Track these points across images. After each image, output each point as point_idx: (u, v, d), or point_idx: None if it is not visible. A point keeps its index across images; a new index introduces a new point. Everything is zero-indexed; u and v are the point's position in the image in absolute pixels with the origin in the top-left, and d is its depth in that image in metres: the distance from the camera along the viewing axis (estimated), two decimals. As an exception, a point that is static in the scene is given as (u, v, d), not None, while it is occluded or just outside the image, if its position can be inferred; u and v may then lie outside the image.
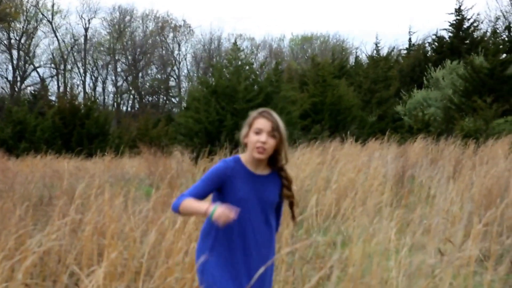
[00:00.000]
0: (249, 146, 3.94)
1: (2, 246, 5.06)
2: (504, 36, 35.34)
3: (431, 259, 3.52)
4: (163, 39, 79.40)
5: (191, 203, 3.76)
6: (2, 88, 74.59)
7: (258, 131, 3.88)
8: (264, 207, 3.96)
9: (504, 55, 28.51)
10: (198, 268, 3.94)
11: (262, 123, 3.91)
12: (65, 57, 75.40)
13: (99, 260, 6.22)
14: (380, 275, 3.03)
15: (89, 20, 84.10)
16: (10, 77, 73.91)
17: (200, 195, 3.88)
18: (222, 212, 3.60)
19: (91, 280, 4.82)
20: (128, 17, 78.64)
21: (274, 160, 4.05)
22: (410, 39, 52.10)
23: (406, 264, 5.41)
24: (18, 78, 73.82)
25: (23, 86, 73.54)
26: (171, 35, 79.88)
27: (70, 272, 6.03)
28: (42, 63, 76.27)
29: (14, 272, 4.18)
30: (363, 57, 54.89)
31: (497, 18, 46.78)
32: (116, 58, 77.76)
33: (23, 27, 73.95)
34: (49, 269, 6.17)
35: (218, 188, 3.93)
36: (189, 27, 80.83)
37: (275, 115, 4.01)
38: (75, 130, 32.01)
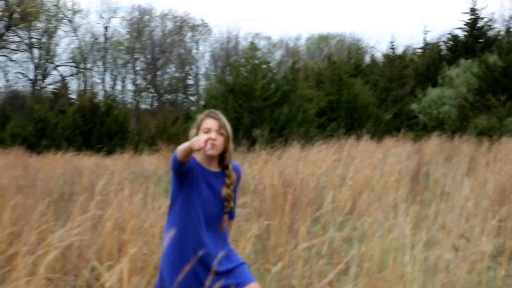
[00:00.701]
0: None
1: (25, 241, 5.10)
2: (519, 34, 35.17)
3: (447, 254, 3.52)
4: (182, 38, 79.41)
5: (182, 145, 3.98)
6: (24, 86, 74.99)
7: (207, 130, 4.11)
8: (216, 200, 4.16)
9: (518, 53, 28.35)
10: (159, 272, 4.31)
11: (210, 123, 4.13)
12: (85, 56, 75.59)
13: (119, 255, 6.25)
14: (396, 270, 3.03)
15: (108, 20, 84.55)
16: (31, 76, 74.24)
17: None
18: (197, 140, 3.84)
19: (111, 275, 4.85)
20: (147, 17, 78.75)
21: (222, 159, 4.21)
22: (425, 38, 51.76)
23: (421, 259, 5.41)
24: (39, 77, 74.16)
25: (44, 84, 73.85)
26: (189, 34, 79.90)
27: (90, 267, 6.08)
28: (62, 61, 76.48)
29: (36, 266, 4.20)
30: (379, 56, 54.61)
31: (511, 17, 46.50)
32: (135, 57, 77.89)
33: (44, 26, 74.22)
34: (70, 263, 6.21)
35: (180, 177, 4.14)
36: (207, 26, 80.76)
37: (221, 115, 4.20)
38: (95, 127, 32.13)
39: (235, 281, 4.12)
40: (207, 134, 4.07)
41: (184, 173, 4.10)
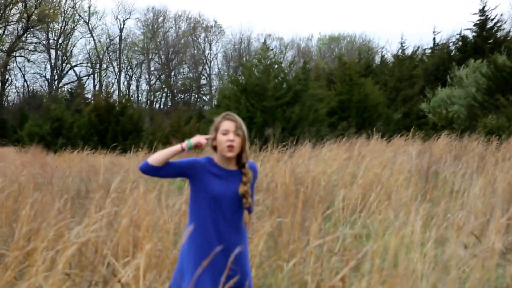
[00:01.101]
0: (219, 147, 4.23)
1: (43, 237, 5.12)
2: (528, 35, 35.05)
3: (459, 251, 3.52)
4: (195, 39, 79.60)
5: (162, 151, 4.20)
6: (41, 86, 75.44)
7: (225, 132, 4.19)
8: (234, 198, 4.24)
9: (528, 54, 28.29)
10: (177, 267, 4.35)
11: (227, 125, 4.21)
12: (101, 56, 75.90)
13: (135, 251, 6.27)
14: (407, 267, 3.04)
15: (124, 21, 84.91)
16: (48, 76, 74.74)
17: (175, 164, 4.25)
18: (197, 138, 4.22)
19: (127, 270, 4.87)
20: (161, 18, 79.01)
21: (239, 158, 4.29)
22: (434, 38, 51.50)
23: (431, 256, 5.41)
24: (56, 77, 74.56)
25: (60, 84, 74.29)
26: (202, 35, 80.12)
27: (107, 262, 6.10)
28: (78, 62, 76.91)
29: (54, 262, 4.23)
30: (389, 57, 54.56)
31: (520, 18, 46.30)
32: (150, 57, 78.11)
33: (61, 27, 74.61)
34: (87, 259, 6.23)
35: (189, 176, 4.29)
36: (220, 27, 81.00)
37: (237, 117, 4.29)
38: (110, 126, 32.21)
39: None
40: (225, 136, 4.16)
41: (182, 171, 4.26)
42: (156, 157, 4.14)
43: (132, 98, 64.17)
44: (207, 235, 4.22)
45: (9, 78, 73.57)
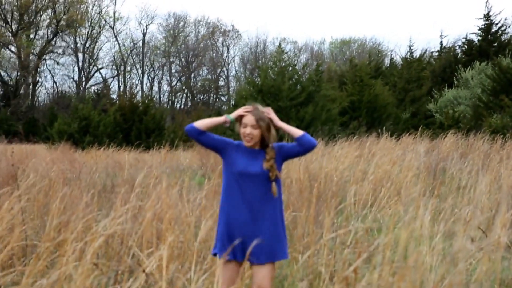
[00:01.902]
0: (241, 136, 4.56)
1: (72, 229, 5.15)
2: (531, 39, 34.86)
3: (468, 245, 3.50)
4: (214, 42, 79.62)
5: (207, 119, 4.62)
6: (69, 87, 75.79)
7: (244, 125, 4.50)
8: (258, 173, 4.47)
9: (530, 56, 28.13)
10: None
11: (247, 119, 4.49)
12: (125, 59, 76.10)
13: (158, 243, 6.29)
14: (416, 259, 3.02)
15: (146, 26, 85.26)
16: (76, 78, 75.07)
17: (214, 136, 4.63)
18: (237, 111, 4.58)
19: (151, 261, 4.88)
20: (182, 23, 79.08)
21: (262, 142, 4.56)
22: (441, 42, 51.28)
23: (439, 249, 5.38)
24: (83, 79, 74.82)
25: (87, 85, 74.53)
26: (220, 39, 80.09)
27: (132, 253, 6.12)
28: (104, 65, 77.14)
29: (83, 253, 4.24)
30: (398, 59, 54.26)
31: (524, 22, 46.02)
32: (171, 60, 78.23)
33: (87, 32, 74.90)
34: (113, 250, 6.25)
35: (221, 152, 4.63)
36: (237, 31, 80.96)
37: (258, 110, 4.57)
38: (134, 125, 32.31)
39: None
40: (244, 129, 4.48)
41: (217, 146, 4.63)
42: (201, 122, 4.52)
43: (154, 98, 64.16)
44: (235, 206, 4.45)
45: (40, 79, 74.00)
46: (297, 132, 4.53)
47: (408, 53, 46.10)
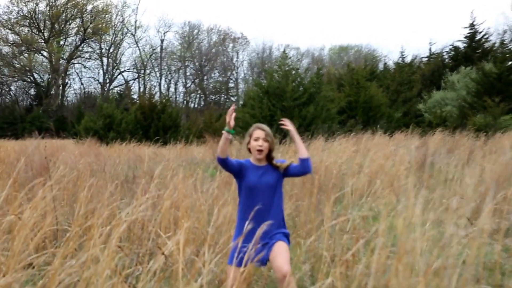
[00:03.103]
0: (252, 150, 4.74)
1: (98, 216, 5.15)
2: (511, 46, 34.70)
3: (457, 232, 3.50)
4: (224, 48, 79.63)
5: (219, 144, 4.63)
6: (95, 88, 76.03)
7: (256, 139, 4.70)
8: (271, 185, 4.69)
9: (510, 62, 27.98)
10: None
11: (258, 133, 4.71)
12: (145, 63, 76.22)
13: (175, 228, 6.29)
14: (408, 245, 3.02)
15: (164, 33, 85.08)
16: (101, 80, 75.29)
17: (233, 161, 4.72)
18: (227, 119, 4.68)
19: (169, 244, 4.88)
20: (196, 31, 79.11)
21: (268, 157, 4.75)
22: (430, 48, 51.15)
23: (429, 236, 5.36)
24: (107, 80, 75.07)
25: (111, 87, 74.70)
26: (231, 45, 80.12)
27: (152, 237, 6.13)
28: (126, 68, 77.29)
29: (108, 237, 4.24)
30: (391, 64, 54.02)
31: (505, 32, 45.89)
32: (186, 64, 78.30)
33: (111, 39, 75.12)
34: (135, 235, 6.27)
35: (237, 175, 4.74)
36: (246, 38, 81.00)
37: (266, 127, 4.78)
38: (153, 122, 32.32)
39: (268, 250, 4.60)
40: (256, 142, 4.67)
41: (236, 171, 4.71)
42: (219, 149, 4.58)
43: (171, 98, 64.19)
44: (245, 214, 4.56)
45: (69, 81, 74.48)
46: (304, 153, 4.72)
47: (400, 59, 46.04)
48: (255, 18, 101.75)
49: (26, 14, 70.50)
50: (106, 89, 73.38)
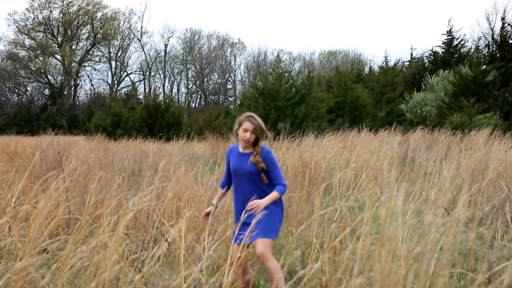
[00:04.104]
0: (239, 138, 4.64)
1: (107, 205, 5.15)
2: (485, 52, 34.75)
3: (435, 220, 3.51)
4: (223, 52, 79.48)
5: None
6: (104, 89, 75.85)
7: (245, 130, 4.56)
8: (250, 173, 4.57)
9: (484, 66, 28.01)
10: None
11: (247, 125, 4.56)
12: (150, 66, 76.05)
13: (177, 217, 6.29)
14: (391, 233, 3.03)
15: (168, 39, 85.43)
16: (109, 81, 75.10)
17: (226, 172, 4.87)
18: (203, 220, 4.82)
19: (171, 232, 4.88)
20: (197, 36, 78.93)
21: (255, 144, 4.64)
22: (411, 53, 51.28)
23: (410, 224, 5.38)
24: (115, 82, 74.89)
25: (119, 88, 74.54)
26: (229, 50, 79.92)
27: (156, 225, 6.12)
28: (133, 70, 77.12)
29: (116, 225, 4.24)
30: (375, 67, 54.04)
31: (479, 38, 45.91)
32: (188, 67, 78.17)
33: (119, 44, 74.93)
34: (141, 223, 6.26)
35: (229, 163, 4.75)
36: (243, 44, 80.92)
37: (257, 119, 4.61)
38: (157, 121, 32.29)
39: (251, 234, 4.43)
40: (244, 133, 4.54)
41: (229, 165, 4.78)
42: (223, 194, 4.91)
43: (173, 99, 64.16)
44: (237, 197, 4.64)
45: (80, 82, 74.25)
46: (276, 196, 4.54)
47: (384, 62, 46.09)
48: (251, 25, 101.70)
49: (41, 21, 70.77)
50: (114, 90, 73.22)
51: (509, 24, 30.25)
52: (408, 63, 45.58)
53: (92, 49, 74.05)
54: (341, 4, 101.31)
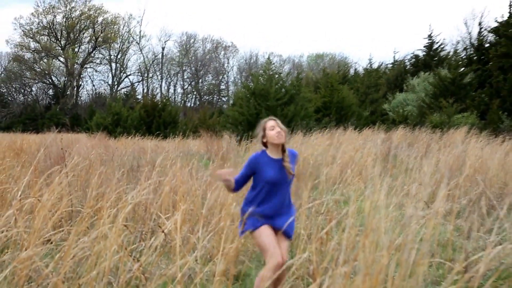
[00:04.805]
0: (270, 140, 4.25)
1: (107, 199, 5.13)
2: (463, 55, 34.91)
3: (416, 213, 3.52)
4: (217, 55, 79.36)
5: (227, 190, 4.40)
6: (104, 89, 75.62)
7: (272, 128, 4.25)
8: (283, 179, 4.22)
9: (462, 68, 28.12)
10: (245, 221, 4.25)
11: (272, 123, 4.29)
12: (148, 68, 75.86)
13: (173, 210, 6.29)
14: (374, 225, 3.05)
15: (165, 42, 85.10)
16: (110, 82, 74.89)
17: (242, 177, 4.31)
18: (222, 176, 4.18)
19: (168, 224, 4.88)
20: (192, 40, 78.77)
21: (283, 147, 4.31)
22: (394, 56, 51.43)
23: (392, 217, 5.40)
24: (115, 83, 74.72)
25: (118, 88, 74.36)
26: (222, 52, 79.82)
27: (153, 218, 6.11)
28: (131, 72, 76.96)
29: (116, 217, 4.23)
30: (360, 69, 54.16)
31: (458, 42, 46.03)
32: (183, 69, 78.03)
33: (119, 47, 74.74)
34: (139, 215, 6.26)
35: (253, 175, 4.29)
36: (235, 47, 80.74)
37: (275, 118, 4.41)
38: (155, 119, 32.19)
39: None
40: (273, 131, 4.23)
41: (249, 177, 4.32)
42: (230, 192, 4.39)
43: (170, 98, 63.97)
44: (271, 204, 4.22)
45: (82, 83, 74.01)
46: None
47: (368, 65, 46.24)
48: (243, 29, 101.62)
49: (46, 25, 70.82)
50: (114, 90, 73.04)
51: (486, 29, 30.36)
52: (391, 65, 45.71)
53: (94, 52, 73.88)
54: (329, 10, 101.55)
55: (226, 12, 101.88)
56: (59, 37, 71.46)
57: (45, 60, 70.32)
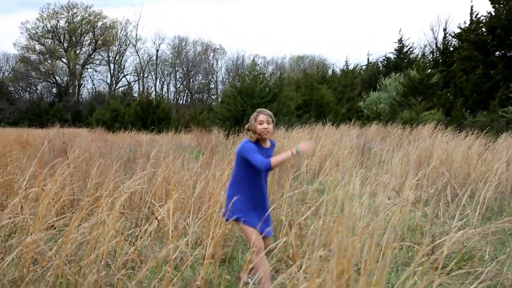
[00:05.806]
0: (257, 131, 4.13)
1: (105, 188, 5.10)
2: (429, 57, 35.12)
3: (386, 201, 3.55)
4: (206, 57, 79.11)
5: (277, 158, 3.94)
6: (104, 88, 75.21)
7: (261, 122, 4.13)
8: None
9: (429, 70, 28.29)
10: (231, 208, 4.10)
11: (262, 117, 4.15)
12: (143, 68, 75.49)
13: (166, 199, 6.26)
14: (350, 212, 3.06)
15: (159, 45, 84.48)
16: (108, 81, 74.48)
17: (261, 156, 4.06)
18: (305, 145, 3.97)
19: (161, 211, 4.86)
20: (184, 43, 78.38)
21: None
22: (368, 58, 51.46)
23: (366, 204, 5.43)
24: (114, 82, 74.35)
25: (116, 87, 73.99)
26: (211, 54, 79.54)
27: (148, 205, 6.09)
28: (128, 72, 76.61)
29: (113, 205, 4.21)
30: (337, 70, 54.21)
31: (425, 46, 46.39)
32: (176, 69, 77.73)
33: (117, 49, 74.39)
34: (135, 203, 6.22)
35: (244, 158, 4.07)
36: (224, 49, 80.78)
37: (268, 111, 4.24)
38: (150, 115, 32.03)
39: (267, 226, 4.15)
40: (261, 125, 4.11)
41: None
42: (276, 164, 3.92)
43: (164, 96, 63.67)
44: (253, 192, 4.12)
45: (83, 82, 73.66)
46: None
47: (345, 66, 46.39)
48: (231, 32, 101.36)
49: (50, 29, 70.86)
50: (112, 89, 72.72)
51: (450, 35, 30.56)
52: (365, 66, 45.84)
53: (94, 54, 73.52)
54: (309, 15, 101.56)
55: (215, 17, 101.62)
56: (62, 40, 71.30)
57: (49, 61, 70.26)
